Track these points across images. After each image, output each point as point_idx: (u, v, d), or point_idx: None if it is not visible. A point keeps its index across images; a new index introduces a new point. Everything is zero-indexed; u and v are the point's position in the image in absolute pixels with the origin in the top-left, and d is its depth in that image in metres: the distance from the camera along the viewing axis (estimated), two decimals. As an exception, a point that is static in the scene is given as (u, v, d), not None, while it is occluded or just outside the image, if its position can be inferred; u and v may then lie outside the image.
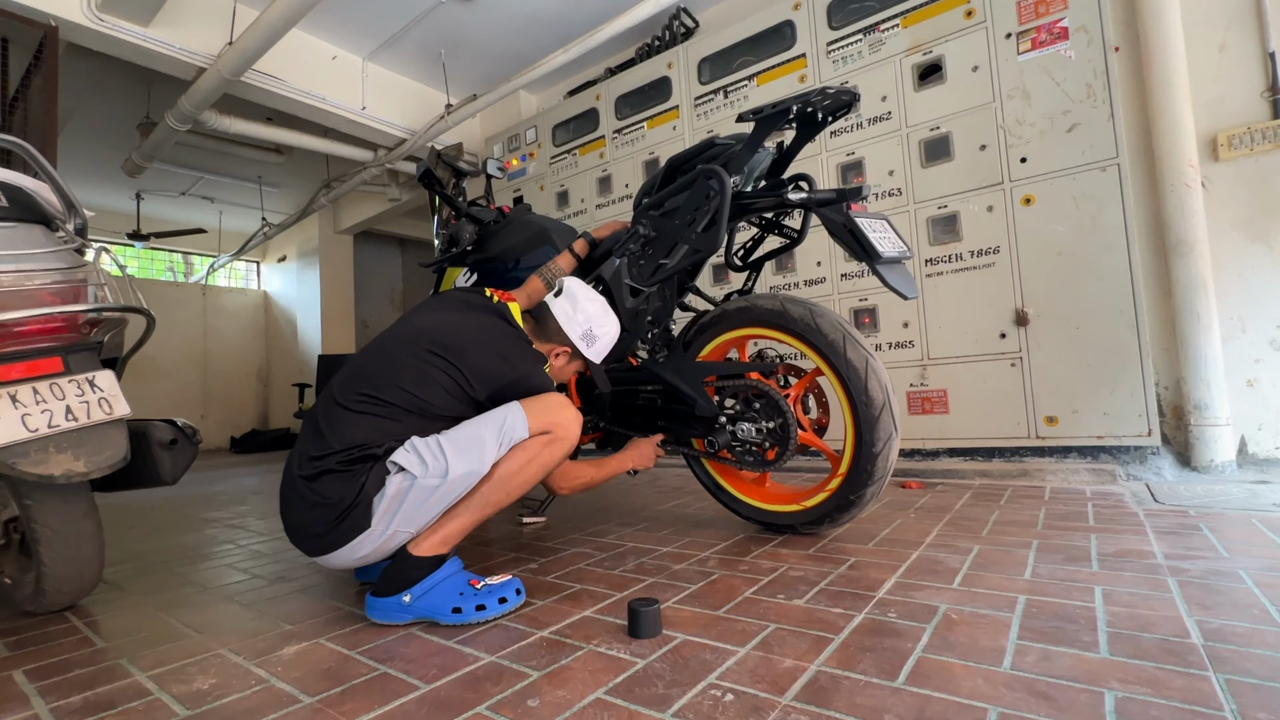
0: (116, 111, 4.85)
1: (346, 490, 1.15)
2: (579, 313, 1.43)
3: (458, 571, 1.18)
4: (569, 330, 1.43)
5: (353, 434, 1.16)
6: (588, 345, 1.45)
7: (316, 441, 1.19)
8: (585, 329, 1.43)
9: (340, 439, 1.16)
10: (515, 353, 1.33)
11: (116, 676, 1.00)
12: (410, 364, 1.25)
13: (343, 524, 1.15)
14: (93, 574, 1.34)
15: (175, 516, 2.61)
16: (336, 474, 1.15)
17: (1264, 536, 1.40)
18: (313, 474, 1.16)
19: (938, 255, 2.65)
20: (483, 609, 1.13)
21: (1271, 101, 2.28)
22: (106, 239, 7.01)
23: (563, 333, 1.43)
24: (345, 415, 1.19)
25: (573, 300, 1.44)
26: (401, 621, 1.15)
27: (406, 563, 1.16)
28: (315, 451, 1.18)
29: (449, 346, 1.27)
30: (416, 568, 1.16)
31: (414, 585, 1.14)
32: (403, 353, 1.27)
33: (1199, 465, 2.27)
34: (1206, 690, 0.76)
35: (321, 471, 1.16)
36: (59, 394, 1.19)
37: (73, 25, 3.09)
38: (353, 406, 1.20)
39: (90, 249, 1.41)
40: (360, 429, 1.17)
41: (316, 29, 4.01)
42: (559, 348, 1.45)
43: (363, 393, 1.21)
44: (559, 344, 1.45)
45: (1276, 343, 2.29)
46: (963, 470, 2.45)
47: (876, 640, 0.95)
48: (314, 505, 1.17)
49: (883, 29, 2.80)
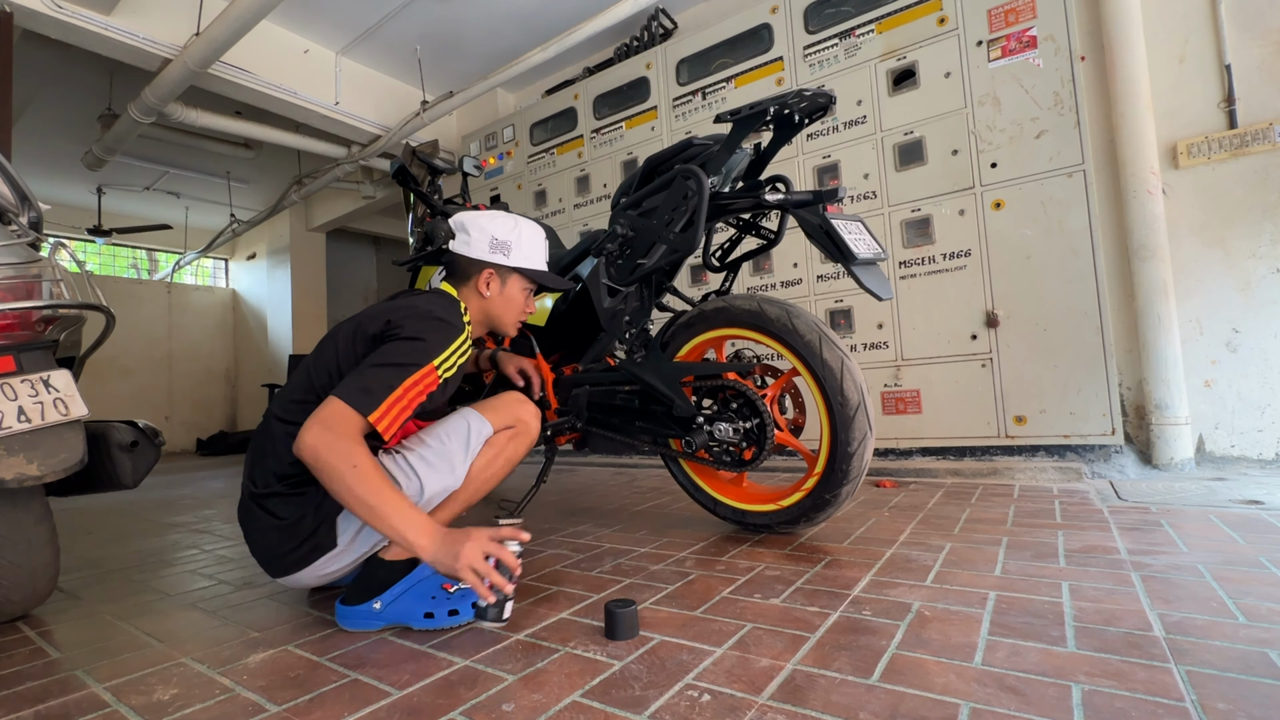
0: (77, 102, 4.68)
1: (303, 508, 1.12)
2: (475, 230, 1.33)
3: (431, 575, 1.15)
4: (475, 253, 1.33)
5: (290, 453, 1.07)
6: (505, 254, 1.34)
7: (260, 462, 1.16)
8: (489, 239, 1.33)
9: (279, 461, 1.12)
10: (412, 302, 1.24)
11: (72, 688, 0.96)
12: (331, 346, 1.21)
13: (304, 544, 1.13)
14: (46, 582, 1.28)
15: (136, 521, 2.52)
16: (285, 496, 1.13)
17: (1221, 532, 1.45)
18: (263, 494, 1.14)
19: (911, 257, 2.69)
20: (455, 614, 1.10)
21: (1228, 112, 2.37)
22: (66, 234, 6.77)
23: (473, 259, 1.34)
24: (282, 430, 1.15)
25: (463, 227, 1.35)
26: (373, 629, 1.13)
27: (378, 568, 1.14)
28: (259, 473, 1.15)
29: (368, 315, 1.22)
30: (388, 572, 1.13)
31: (385, 591, 1.12)
32: (330, 341, 1.22)
33: (1160, 463, 2.35)
34: (1168, 681, 0.78)
35: (271, 493, 1.13)
36: (11, 394, 1.14)
37: (30, 12, 2.97)
38: (289, 418, 1.15)
39: (46, 243, 1.35)
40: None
41: (288, 21, 3.92)
42: (481, 276, 1.34)
43: (296, 399, 1.17)
44: (477, 273, 1.34)
45: (1232, 345, 2.38)
46: (935, 469, 2.49)
47: (852, 638, 0.96)
48: (271, 527, 1.14)
49: (858, 34, 2.84)
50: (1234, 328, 2.37)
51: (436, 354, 1.16)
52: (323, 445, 1.01)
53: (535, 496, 2.10)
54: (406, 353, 1.13)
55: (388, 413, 1.08)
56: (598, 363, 1.79)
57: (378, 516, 1.01)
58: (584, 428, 1.89)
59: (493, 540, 1.05)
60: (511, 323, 1.41)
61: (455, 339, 1.20)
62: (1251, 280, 2.34)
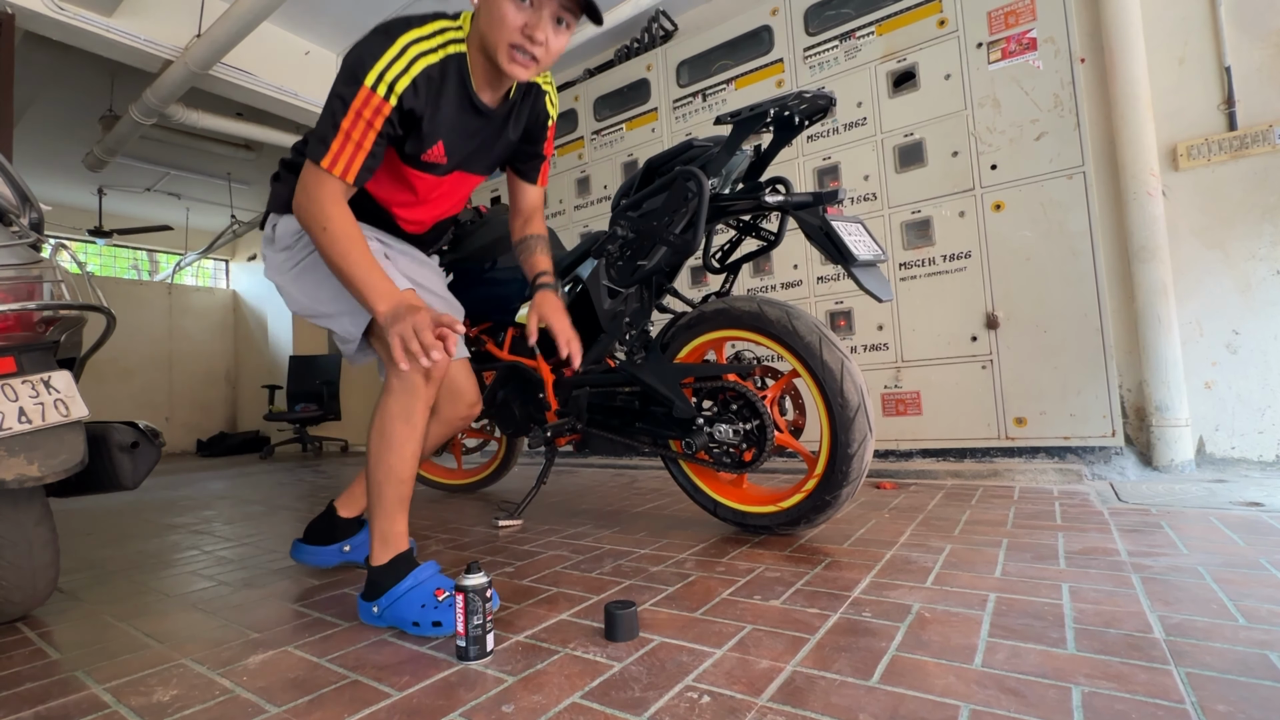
0: (78, 103, 4.69)
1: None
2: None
3: (429, 578, 1.12)
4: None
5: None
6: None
7: None
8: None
9: None
10: None
11: (72, 689, 0.96)
12: None
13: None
14: (46, 583, 1.28)
15: (136, 522, 2.52)
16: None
17: (1221, 534, 1.45)
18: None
19: (911, 259, 2.69)
20: (439, 625, 1.06)
21: (1227, 114, 2.37)
22: (67, 235, 6.77)
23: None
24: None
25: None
26: (382, 626, 1.13)
27: (371, 571, 1.14)
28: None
29: None
30: (380, 575, 1.13)
31: (381, 596, 1.12)
32: None
33: (1160, 465, 2.34)
34: (1169, 684, 0.78)
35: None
36: (11, 395, 1.14)
37: (31, 13, 2.98)
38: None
39: (47, 244, 1.35)
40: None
41: (289, 23, 3.93)
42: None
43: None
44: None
45: (1232, 346, 2.38)
46: (935, 471, 2.49)
47: (851, 640, 0.96)
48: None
49: (858, 36, 2.84)
50: (1234, 329, 2.37)
51: (366, 70, 1.03)
52: (299, 210, 1.06)
53: (535, 497, 2.10)
54: (338, 85, 1.05)
55: (338, 156, 1.04)
56: (598, 364, 1.79)
57: (346, 279, 1.05)
58: (584, 429, 1.89)
59: (431, 325, 0.98)
60: (500, 43, 1.06)
61: (387, 48, 1.04)
62: (1252, 282, 2.34)
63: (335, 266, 1.05)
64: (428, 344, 0.96)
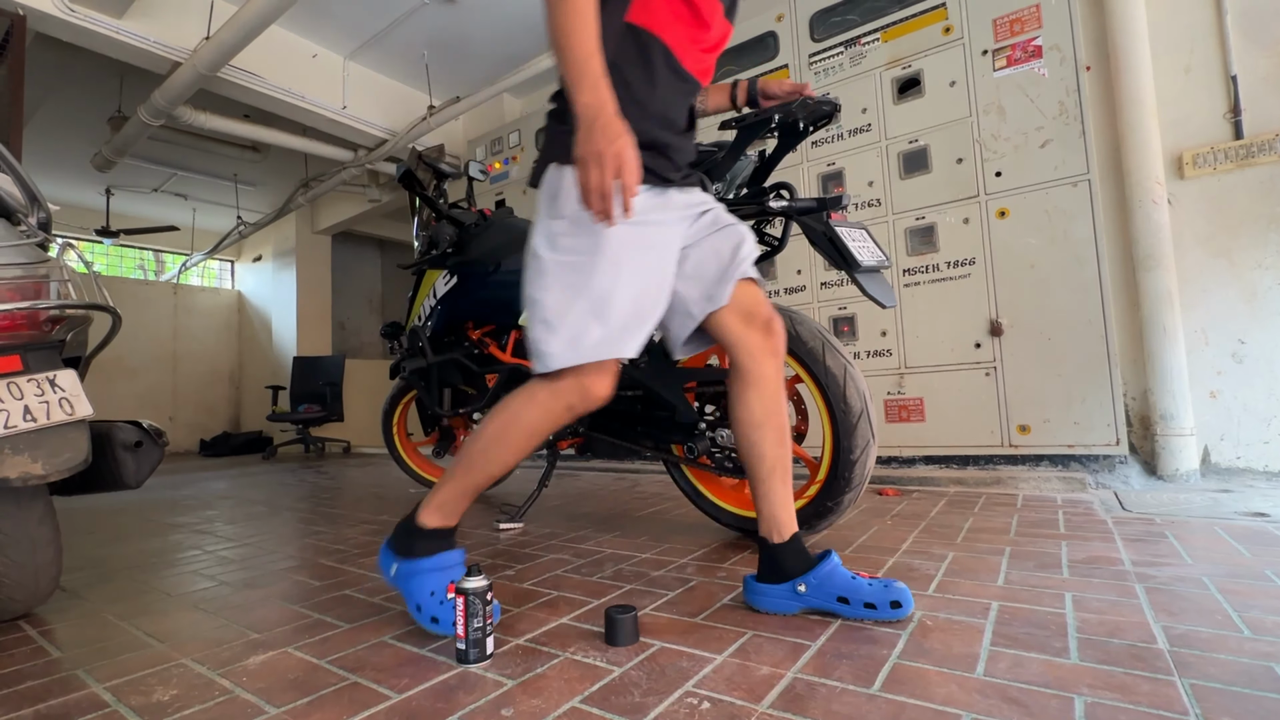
0: (87, 104, 4.73)
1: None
2: None
3: (452, 567, 1.12)
4: None
5: None
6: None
7: None
8: None
9: None
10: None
11: (72, 688, 0.96)
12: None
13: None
14: (48, 581, 1.29)
15: (139, 521, 2.53)
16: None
17: (1226, 544, 1.44)
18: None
19: (915, 265, 2.69)
20: (436, 621, 1.06)
21: (1233, 123, 2.37)
22: (74, 235, 6.82)
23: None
24: None
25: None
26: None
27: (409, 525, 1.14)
28: None
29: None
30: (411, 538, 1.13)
31: (404, 560, 1.12)
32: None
33: (1165, 474, 2.33)
34: (1172, 695, 0.77)
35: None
36: (17, 393, 1.14)
37: (42, 15, 3.01)
38: None
39: (54, 244, 1.36)
40: None
41: (296, 26, 3.96)
42: None
43: None
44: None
45: (1238, 356, 2.37)
46: (938, 478, 2.48)
47: (853, 647, 0.96)
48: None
49: (863, 43, 2.85)
50: (1240, 338, 2.36)
51: None
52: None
53: (537, 501, 2.10)
54: None
55: None
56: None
57: (560, 46, 0.93)
58: (586, 432, 1.89)
59: (636, 166, 0.88)
60: None
61: None
62: (1257, 291, 2.33)
63: (556, 33, 0.93)
64: (607, 191, 0.86)
